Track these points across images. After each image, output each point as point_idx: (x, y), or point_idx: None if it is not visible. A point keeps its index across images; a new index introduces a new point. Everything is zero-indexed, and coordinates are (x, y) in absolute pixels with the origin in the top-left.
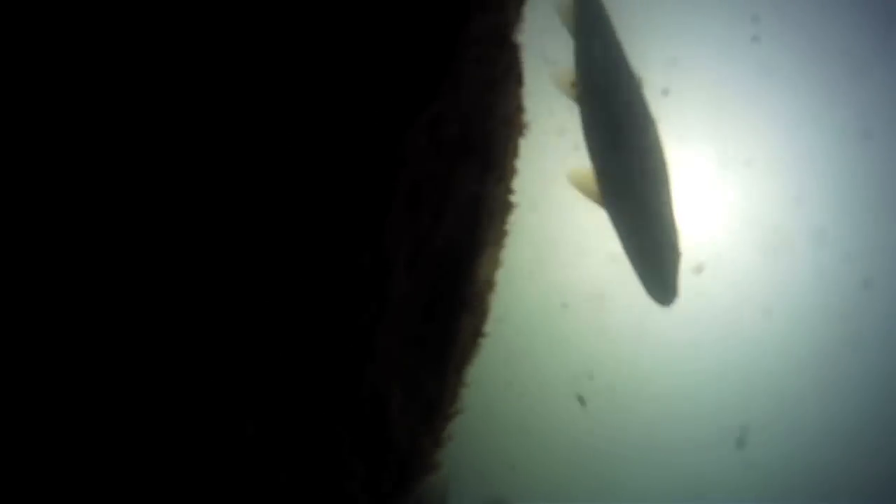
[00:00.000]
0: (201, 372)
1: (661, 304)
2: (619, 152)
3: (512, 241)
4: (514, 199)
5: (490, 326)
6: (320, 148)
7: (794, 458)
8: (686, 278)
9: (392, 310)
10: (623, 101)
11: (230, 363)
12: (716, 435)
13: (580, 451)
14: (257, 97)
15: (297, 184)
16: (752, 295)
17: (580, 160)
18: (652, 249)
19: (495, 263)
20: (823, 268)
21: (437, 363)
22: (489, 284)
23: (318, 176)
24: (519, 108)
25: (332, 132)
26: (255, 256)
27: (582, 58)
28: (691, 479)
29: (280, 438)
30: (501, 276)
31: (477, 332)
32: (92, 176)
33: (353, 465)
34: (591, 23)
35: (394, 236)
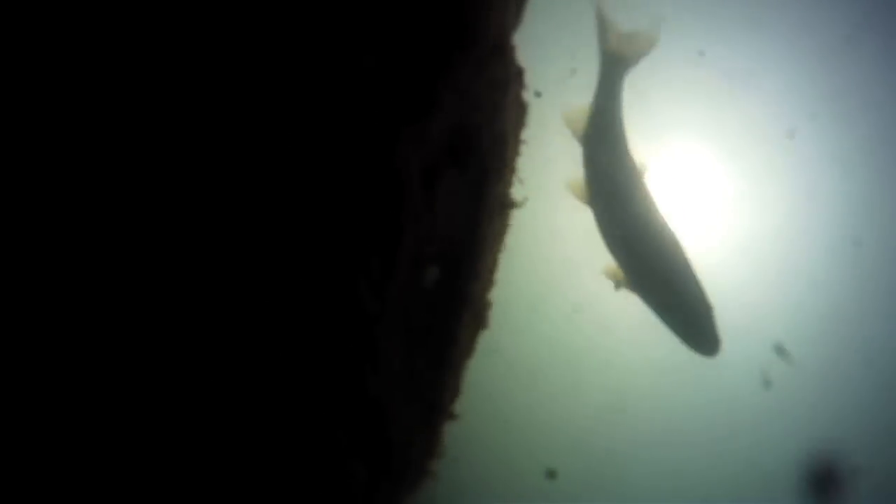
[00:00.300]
0: (203, 373)
1: (708, 356)
2: (634, 246)
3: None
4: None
5: (490, 326)
6: (322, 152)
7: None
8: None
9: (393, 311)
10: (630, 204)
11: (232, 365)
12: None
13: (580, 451)
14: (266, 101)
15: (300, 188)
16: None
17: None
18: (686, 316)
19: (495, 263)
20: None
21: (437, 363)
22: (489, 284)
23: (322, 180)
24: (520, 109)
25: (336, 137)
26: (258, 259)
27: (591, 167)
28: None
29: (282, 439)
30: (502, 278)
31: (477, 333)
32: (93, 176)
33: (354, 466)
34: (600, 135)
35: (398, 237)
